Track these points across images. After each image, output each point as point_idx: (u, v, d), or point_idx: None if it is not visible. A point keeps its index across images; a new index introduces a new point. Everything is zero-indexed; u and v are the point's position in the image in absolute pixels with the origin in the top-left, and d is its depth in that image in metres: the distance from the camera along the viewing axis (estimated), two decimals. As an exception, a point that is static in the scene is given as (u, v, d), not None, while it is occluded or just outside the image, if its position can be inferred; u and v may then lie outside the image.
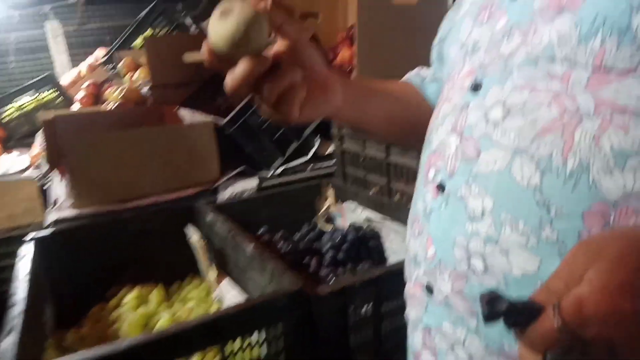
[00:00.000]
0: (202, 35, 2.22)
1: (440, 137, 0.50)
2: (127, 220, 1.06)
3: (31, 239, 0.97)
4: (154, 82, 1.69)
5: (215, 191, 1.21)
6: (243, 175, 1.26)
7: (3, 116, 2.74)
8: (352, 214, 1.21)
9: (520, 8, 0.45)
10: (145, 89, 1.77)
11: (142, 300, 0.98)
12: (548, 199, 0.39)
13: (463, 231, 0.44)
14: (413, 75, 0.72)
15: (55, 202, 1.18)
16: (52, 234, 0.99)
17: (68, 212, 1.06)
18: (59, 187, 1.30)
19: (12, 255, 2.36)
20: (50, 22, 3.11)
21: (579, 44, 0.39)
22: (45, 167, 1.82)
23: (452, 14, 0.60)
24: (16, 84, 2.94)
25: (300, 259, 1.03)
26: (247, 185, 1.23)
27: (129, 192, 1.12)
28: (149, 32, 2.30)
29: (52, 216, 1.06)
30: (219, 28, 0.45)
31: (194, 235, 1.02)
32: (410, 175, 1.06)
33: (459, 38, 0.53)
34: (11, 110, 2.77)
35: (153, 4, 2.33)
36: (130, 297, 0.96)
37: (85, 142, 1.04)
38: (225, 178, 1.22)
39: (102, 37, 3.28)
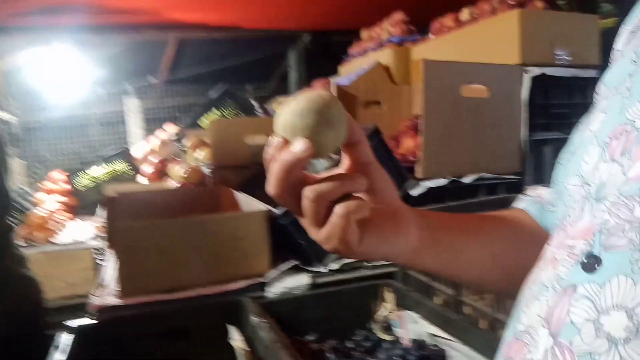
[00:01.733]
0: (267, 118, 2.29)
1: (529, 319, 0.36)
2: (170, 314, 1.00)
3: (71, 328, 0.92)
4: (215, 163, 1.70)
5: (264, 285, 1.13)
6: (294, 269, 1.18)
7: (78, 184, 2.89)
8: (414, 325, 1.08)
9: None
10: (207, 170, 1.79)
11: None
12: None
13: None
14: (529, 202, 0.57)
15: (102, 285, 1.15)
16: (93, 325, 0.94)
17: (112, 300, 1.02)
18: (110, 268, 1.29)
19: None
20: (129, 99, 3.37)
21: None
22: (104, 243, 1.84)
23: (585, 121, 0.43)
24: (94, 154, 3.14)
25: (351, 377, 0.91)
26: (299, 281, 1.15)
27: (176, 283, 1.07)
28: (216, 113, 2.39)
29: (95, 301, 1.03)
30: (299, 108, 0.39)
31: (237, 339, 0.93)
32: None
33: (580, 170, 0.38)
34: (86, 179, 2.93)
35: (224, 89, 2.45)
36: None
37: (136, 228, 1.01)
38: (276, 272, 1.15)
39: (175, 114, 3.50)
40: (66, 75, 3.27)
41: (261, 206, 1.20)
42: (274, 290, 1.13)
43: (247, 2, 2.72)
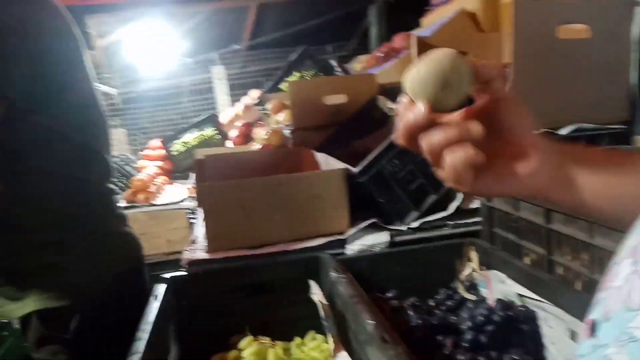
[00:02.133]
0: (345, 77, 2.25)
1: None
2: (253, 268, 1.04)
3: (165, 279, 1.00)
4: (295, 124, 1.71)
5: (343, 243, 1.13)
6: (374, 227, 1.17)
7: (172, 150, 3.09)
8: (501, 286, 1.02)
9: None
10: (287, 131, 1.81)
11: (261, 357, 0.93)
12: None
13: None
14: None
15: (194, 241, 1.23)
16: (184, 276, 1.01)
17: (201, 254, 1.09)
18: (200, 225, 1.37)
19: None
20: (216, 67, 3.50)
21: None
22: (194, 203, 1.97)
23: None
24: (186, 122, 3.33)
25: (432, 335, 0.89)
26: (378, 239, 1.13)
27: (258, 239, 1.11)
28: (296, 75, 2.40)
29: (186, 255, 1.10)
30: (420, 74, 0.45)
31: (317, 293, 0.95)
32: (578, 249, 0.85)
33: None
34: (179, 145, 3.12)
35: (303, 49, 2.43)
36: (248, 352, 0.93)
37: (219, 187, 1.06)
38: (354, 229, 1.14)
39: (259, 79, 3.57)
40: (158, 47, 3.46)
41: (339, 165, 1.19)
42: (353, 248, 1.13)
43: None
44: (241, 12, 3.36)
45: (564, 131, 1.26)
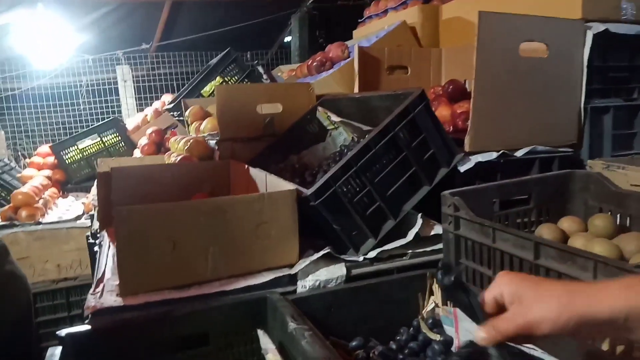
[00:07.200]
0: (279, 85, 2.08)
1: None
2: (182, 316, 0.82)
3: (61, 338, 0.74)
4: (222, 134, 1.50)
5: (294, 278, 0.95)
6: (326, 258, 1.00)
7: (65, 158, 2.68)
8: (469, 325, 0.91)
9: None
10: (212, 142, 1.59)
11: None
12: None
13: None
14: None
15: (102, 277, 0.96)
16: (88, 332, 0.76)
17: (111, 300, 0.84)
18: (106, 255, 1.10)
19: (57, 308, 2.16)
20: (121, 67, 3.12)
21: None
22: (96, 224, 1.65)
23: None
24: (83, 126, 2.92)
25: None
26: (333, 273, 0.97)
27: (188, 277, 0.88)
28: (218, 79, 2.17)
29: (90, 302, 0.84)
30: None
31: (268, 349, 0.75)
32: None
33: None
34: (74, 152, 2.71)
35: (226, 51, 2.22)
36: None
37: (140, 212, 0.82)
38: (306, 262, 0.97)
39: (170, 83, 3.26)
40: (52, 39, 3.00)
41: (287, 185, 1.01)
42: (305, 284, 0.95)
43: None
44: (153, 8, 3.04)
45: (520, 153, 1.20)
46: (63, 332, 0.74)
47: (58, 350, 0.71)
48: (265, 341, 0.78)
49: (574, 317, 0.50)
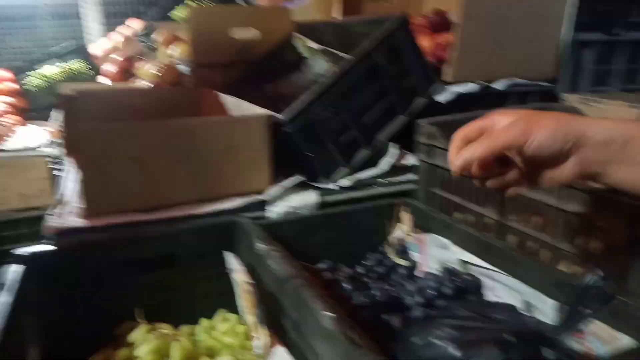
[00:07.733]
0: (257, 8, 1.96)
1: None
2: (147, 239, 0.80)
3: (21, 257, 0.71)
4: (195, 60, 1.42)
5: (264, 204, 0.94)
6: (298, 186, 0.99)
7: (28, 84, 2.53)
8: (439, 251, 0.92)
9: None
10: (183, 68, 1.51)
11: (162, 355, 0.72)
12: None
13: None
14: None
15: (62, 200, 0.93)
16: (50, 252, 0.73)
17: (74, 221, 0.81)
18: (70, 180, 1.06)
19: (22, 237, 2.12)
20: (84, -13, 2.90)
21: None
22: (61, 150, 1.58)
23: None
24: (43, 50, 2.73)
25: (377, 314, 0.75)
26: (306, 200, 0.96)
27: (155, 200, 0.86)
28: (190, 3, 2.04)
29: (53, 222, 0.81)
30: None
31: (237, 272, 0.75)
32: (537, 212, 0.77)
33: None
34: (37, 78, 2.56)
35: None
36: (145, 350, 0.70)
37: (105, 133, 0.78)
38: (277, 188, 0.95)
39: (138, 7, 3.05)
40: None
41: (260, 110, 0.97)
42: (276, 210, 0.94)
43: None
44: None
45: (499, 85, 1.18)
46: (24, 250, 0.72)
47: (16, 269, 0.69)
48: (233, 262, 0.78)
49: (572, 132, 0.49)
